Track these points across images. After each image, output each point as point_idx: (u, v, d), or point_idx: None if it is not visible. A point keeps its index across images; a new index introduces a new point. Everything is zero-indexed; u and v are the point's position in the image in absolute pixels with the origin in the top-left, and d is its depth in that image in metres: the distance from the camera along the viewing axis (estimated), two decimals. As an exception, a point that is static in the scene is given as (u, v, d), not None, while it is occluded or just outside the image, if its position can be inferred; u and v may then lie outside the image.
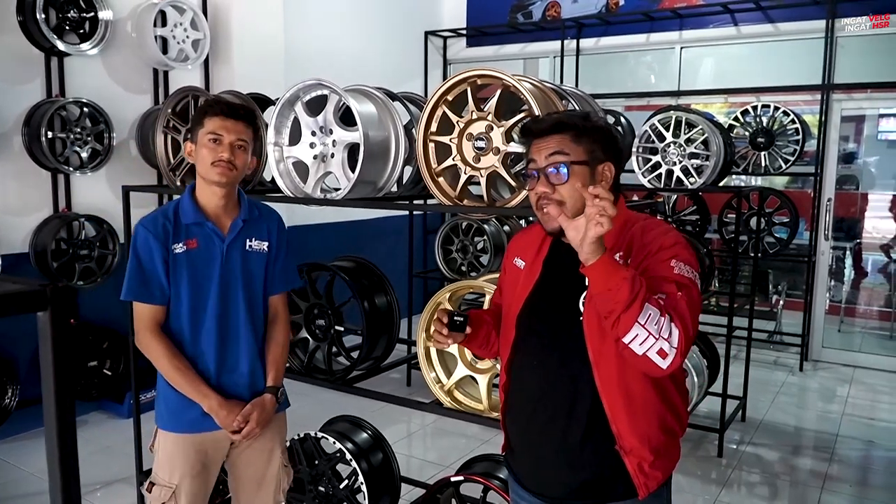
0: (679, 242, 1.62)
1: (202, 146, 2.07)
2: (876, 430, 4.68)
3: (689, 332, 1.47)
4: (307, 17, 6.10)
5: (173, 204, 2.13)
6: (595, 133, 1.67)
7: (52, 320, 0.71)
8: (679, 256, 1.58)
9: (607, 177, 1.65)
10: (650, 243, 1.62)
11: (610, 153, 1.68)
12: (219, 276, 2.12)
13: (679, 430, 1.71)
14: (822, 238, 6.05)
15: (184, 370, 2.07)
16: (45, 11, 4.12)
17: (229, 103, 2.11)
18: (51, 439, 0.76)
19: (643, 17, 6.57)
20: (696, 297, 1.57)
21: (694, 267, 1.60)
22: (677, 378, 1.71)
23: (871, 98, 6.09)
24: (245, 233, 2.17)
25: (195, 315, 2.10)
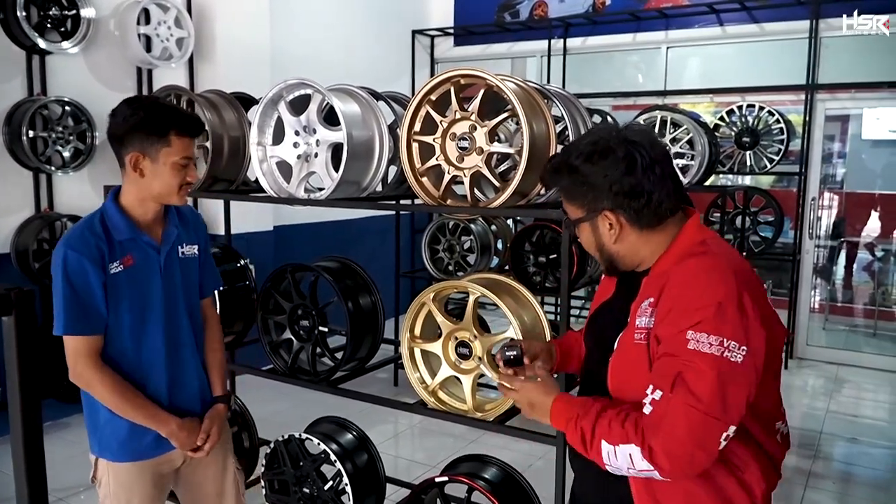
0: (709, 306, 1.32)
1: (168, 168, 1.90)
2: (859, 427, 4.71)
3: (672, 441, 1.31)
4: (293, 15, 6.07)
5: (96, 218, 1.93)
6: (568, 183, 1.48)
7: (16, 324, 0.70)
8: (703, 325, 1.32)
9: (603, 231, 1.48)
10: (675, 300, 1.38)
11: (600, 200, 1.45)
12: (161, 291, 1.99)
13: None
14: (806, 236, 6.10)
15: (136, 400, 1.93)
16: (27, 9, 4.08)
17: (196, 120, 1.99)
18: (16, 441, 0.75)
19: (630, 17, 6.59)
20: (713, 376, 1.30)
21: (731, 334, 1.31)
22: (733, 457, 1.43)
23: (855, 98, 6.14)
24: (177, 240, 2.05)
25: (138, 336, 1.96)
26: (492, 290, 2.17)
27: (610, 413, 1.41)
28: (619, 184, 1.42)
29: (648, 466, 1.34)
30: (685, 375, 1.32)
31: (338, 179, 2.33)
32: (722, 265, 1.39)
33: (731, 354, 1.30)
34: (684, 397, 1.31)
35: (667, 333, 1.37)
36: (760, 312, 1.36)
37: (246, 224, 5.16)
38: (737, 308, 1.32)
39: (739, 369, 1.31)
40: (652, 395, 1.36)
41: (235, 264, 2.91)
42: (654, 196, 1.42)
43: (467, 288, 2.24)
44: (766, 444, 1.48)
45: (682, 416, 1.31)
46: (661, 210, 1.45)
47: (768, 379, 1.44)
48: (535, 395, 1.56)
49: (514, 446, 4.03)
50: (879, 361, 6.02)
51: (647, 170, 1.41)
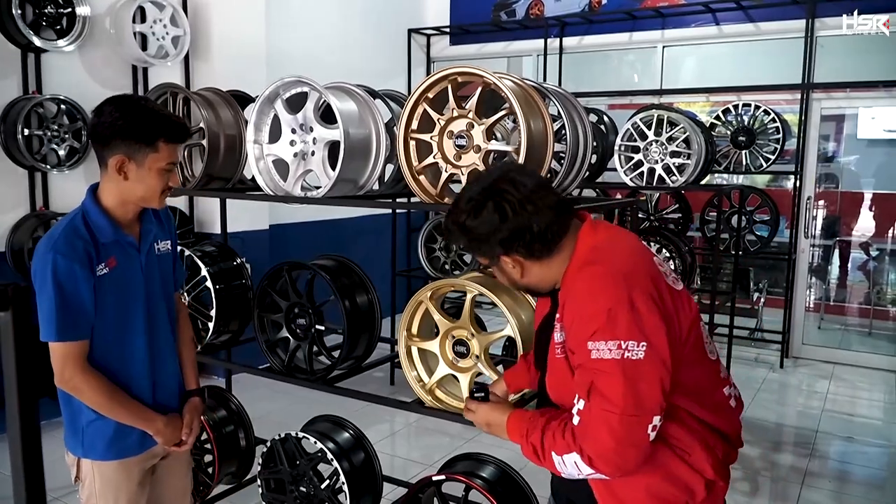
0: (600, 314, 1.41)
1: (153, 173, 1.89)
2: (855, 426, 4.73)
3: (600, 445, 1.41)
4: (289, 13, 6.05)
5: (78, 220, 1.90)
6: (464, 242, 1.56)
7: (13, 320, 0.69)
8: (598, 334, 1.41)
9: (509, 271, 1.57)
10: (573, 314, 1.48)
11: (493, 248, 1.52)
12: (143, 290, 2.00)
13: (684, 498, 1.54)
14: (802, 236, 6.11)
15: (123, 401, 1.94)
16: (22, 7, 4.06)
17: (184, 126, 1.97)
18: (14, 440, 0.75)
19: (626, 16, 6.60)
20: (620, 378, 1.39)
21: (626, 336, 1.39)
22: (678, 443, 1.52)
23: (851, 97, 6.15)
24: (153, 237, 2.06)
25: (122, 336, 1.96)
26: (489, 289, 2.17)
27: (553, 425, 1.53)
28: (499, 232, 1.50)
29: (591, 470, 1.45)
30: (596, 383, 1.42)
31: (335, 178, 2.33)
32: (609, 271, 1.47)
33: (631, 354, 1.39)
34: (600, 403, 1.41)
35: (573, 346, 1.48)
36: (657, 304, 1.44)
37: (242, 223, 5.15)
38: (628, 309, 1.40)
39: (644, 365, 1.40)
40: (577, 405, 1.47)
41: (231, 263, 2.90)
42: (534, 230, 1.49)
43: (465, 286, 2.23)
44: (711, 419, 1.56)
45: (602, 422, 1.41)
46: (549, 237, 1.52)
47: (692, 357, 1.53)
48: (490, 416, 1.72)
49: (511, 445, 4.01)
50: (875, 360, 6.04)
51: (519, 211, 1.48)
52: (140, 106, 1.91)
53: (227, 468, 3.05)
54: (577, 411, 1.46)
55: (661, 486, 1.52)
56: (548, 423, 1.54)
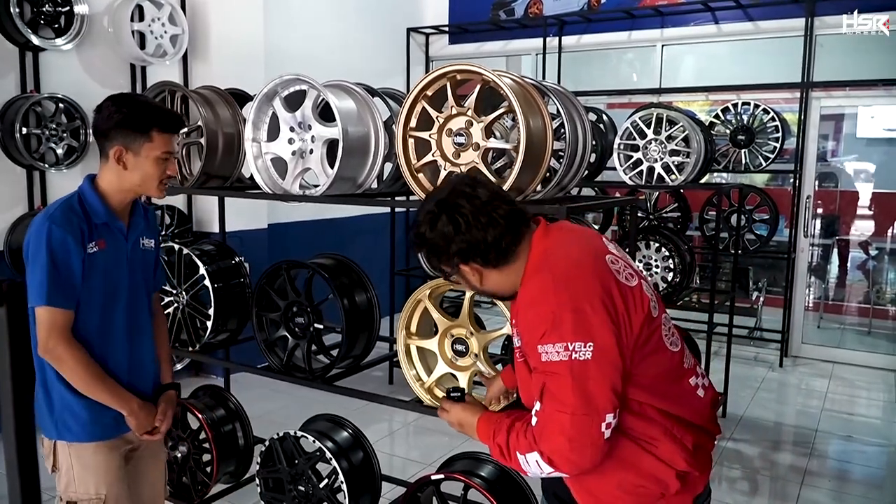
0: (546, 318, 1.46)
1: (150, 162, 2.00)
2: (854, 425, 4.72)
3: (556, 445, 1.45)
4: (288, 12, 6.04)
5: (74, 200, 2.00)
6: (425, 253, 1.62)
7: (8, 316, 0.68)
8: (546, 337, 1.45)
9: (469, 278, 1.63)
10: (524, 319, 1.54)
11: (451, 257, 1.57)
12: (127, 276, 2.08)
13: (657, 490, 1.56)
14: (801, 235, 6.11)
15: (103, 378, 1.99)
16: (20, 5, 4.05)
17: (177, 117, 2.09)
18: (8, 434, 0.74)
19: (625, 15, 6.59)
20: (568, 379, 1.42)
21: (572, 337, 1.43)
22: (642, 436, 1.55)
23: (850, 96, 6.15)
24: (141, 231, 2.15)
25: (104, 315, 2.03)
26: (488, 287, 2.16)
27: (517, 425, 1.57)
28: (455, 243, 1.55)
29: (551, 469, 1.49)
30: (548, 384, 1.46)
31: (333, 176, 2.32)
32: (554, 275, 1.51)
33: (578, 355, 1.43)
34: (551, 404, 1.46)
35: (527, 351, 1.54)
36: (604, 304, 1.47)
37: (240, 222, 5.14)
38: (571, 311, 1.44)
39: (592, 365, 1.43)
40: (535, 407, 1.51)
41: (230, 261, 2.90)
42: (488, 240, 1.54)
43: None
44: (677, 410, 1.57)
45: (556, 422, 1.45)
46: (503, 246, 1.56)
47: (647, 351, 1.54)
48: (462, 416, 1.76)
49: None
50: (874, 360, 6.04)
51: (472, 223, 1.53)
52: (135, 100, 2.05)
53: (225, 467, 3.05)
54: (535, 412, 1.51)
55: (631, 480, 1.56)
56: (513, 423, 1.59)
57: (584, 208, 3.26)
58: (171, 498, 3.09)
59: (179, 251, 2.81)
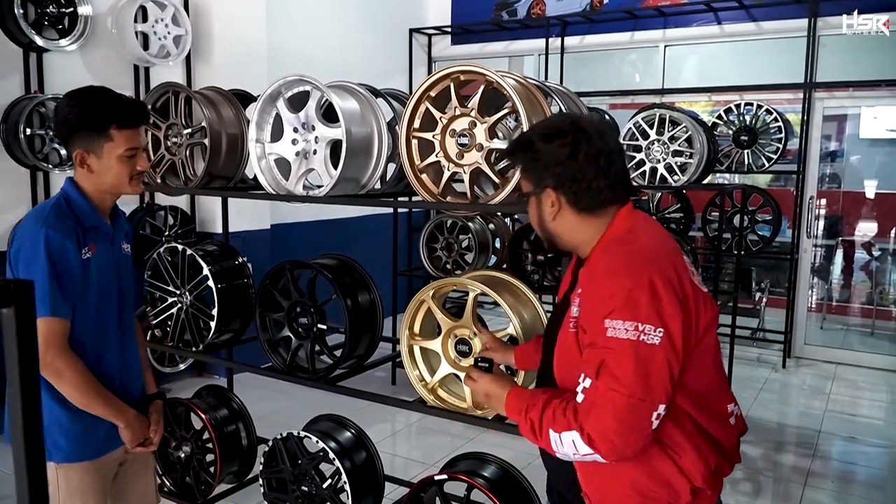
0: (620, 293, 1.40)
1: (114, 160, 1.89)
2: (858, 426, 4.72)
3: (603, 425, 1.39)
4: (291, 13, 6.05)
5: (62, 203, 1.90)
6: (523, 158, 1.59)
7: (16, 316, 0.69)
8: (616, 313, 1.40)
9: (545, 207, 1.58)
10: (592, 290, 1.48)
11: (546, 177, 1.55)
12: (115, 280, 2.02)
13: (667, 499, 1.52)
14: (804, 235, 6.10)
15: (99, 389, 1.91)
16: (24, 7, 4.06)
17: (138, 107, 1.96)
18: (16, 438, 0.74)
19: (627, 16, 6.59)
20: (632, 360, 1.37)
21: (645, 318, 1.38)
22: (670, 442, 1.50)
23: (853, 96, 6.15)
24: (122, 236, 2.09)
25: (100, 323, 1.95)
26: (491, 288, 2.17)
27: (555, 402, 1.51)
28: (562, 165, 1.52)
29: (589, 451, 1.43)
30: (608, 362, 1.40)
31: (336, 176, 2.32)
32: (636, 253, 1.48)
33: (647, 338, 1.38)
34: (608, 382, 1.40)
35: (587, 323, 1.47)
36: (677, 294, 1.43)
37: (243, 222, 5.15)
38: (648, 293, 1.40)
39: (658, 350, 1.39)
40: (583, 384, 1.45)
41: (233, 262, 2.90)
42: (592, 183, 1.52)
43: (467, 285, 2.23)
44: (709, 426, 1.53)
45: (609, 402, 1.39)
46: (599, 198, 1.54)
47: (699, 359, 1.50)
48: (491, 387, 1.69)
49: (513, 445, 4.02)
50: (877, 361, 6.03)
51: (590, 158, 1.51)
52: (90, 96, 1.90)
53: (228, 467, 3.05)
54: (582, 389, 1.45)
55: (645, 482, 1.51)
56: (549, 400, 1.53)
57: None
58: (174, 498, 3.09)
59: (183, 252, 2.81)
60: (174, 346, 2.92)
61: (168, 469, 3.10)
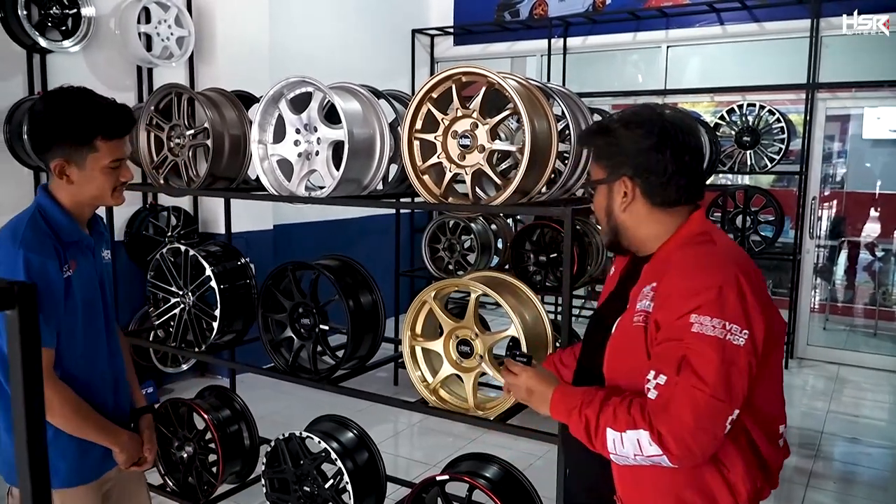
0: (710, 289, 1.35)
1: (97, 172, 1.77)
2: (860, 427, 4.71)
3: (679, 424, 1.32)
4: (293, 14, 6.06)
5: (38, 218, 1.76)
6: (600, 143, 1.54)
7: (20, 318, 0.69)
8: (704, 309, 1.34)
9: (616, 197, 1.53)
10: (674, 285, 1.41)
11: (623, 165, 1.50)
12: (100, 294, 1.89)
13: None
14: (807, 236, 6.10)
15: (90, 415, 1.81)
16: (27, 8, 4.08)
17: (125, 115, 1.82)
18: (20, 443, 0.75)
19: (630, 16, 6.59)
20: (717, 358, 1.32)
21: (732, 318, 1.33)
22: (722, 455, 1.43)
23: (856, 97, 6.14)
24: (103, 244, 1.97)
25: (89, 343, 1.85)
26: (493, 289, 2.17)
27: (614, 400, 1.43)
28: (644, 155, 1.48)
29: (657, 451, 1.35)
30: (690, 358, 1.34)
31: (339, 177, 2.33)
32: (722, 253, 1.45)
33: (733, 338, 1.33)
34: (690, 380, 1.33)
35: (667, 318, 1.39)
36: (760, 300, 1.39)
37: (245, 223, 5.16)
38: (737, 293, 1.35)
39: (742, 353, 1.33)
40: (655, 381, 1.38)
41: (236, 262, 2.90)
42: (673, 178, 1.48)
43: (468, 286, 2.23)
44: (762, 445, 1.47)
45: (689, 399, 1.32)
46: (676, 194, 1.50)
47: (766, 375, 1.44)
48: (534, 383, 1.62)
49: (514, 445, 4.03)
50: (880, 361, 6.02)
51: (676, 152, 1.47)
52: (73, 102, 1.76)
53: (231, 467, 3.06)
54: (654, 387, 1.37)
55: (689, 494, 1.45)
56: (607, 397, 1.45)
57: (590, 210, 3.26)
58: (177, 498, 3.10)
59: (186, 252, 2.82)
60: (177, 346, 2.92)
61: (170, 469, 3.11)
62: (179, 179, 2.94)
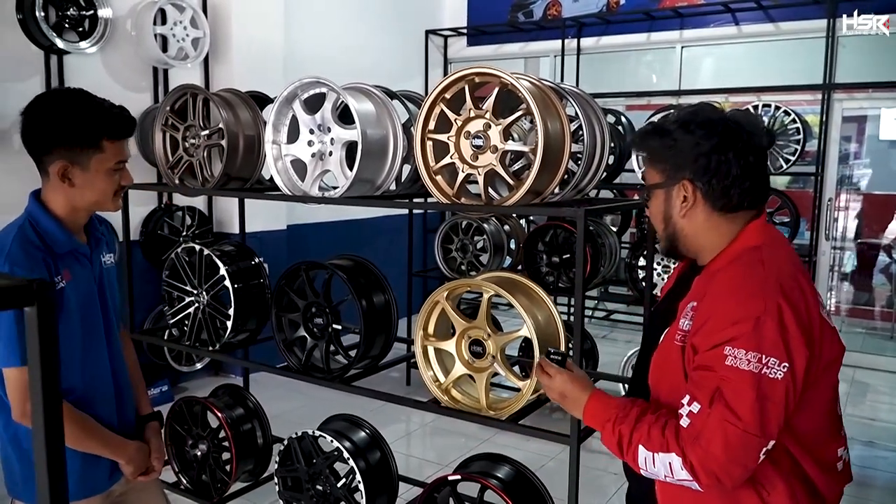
0: (747, 320, 1.29)
1: (101, 174, 1.73)
2: (876, 430, 4.67)
3: (710, 457, 1.30)
4: (307, 15, 6.09)
5: (27, 228, 1.71)
6: (656, 146, 1.47)
7: (38, 315, 0.70)
8: (740, 341, 1.28)
9: (674, 202, 1.47)
10: (713, 310, 1.35)
11: (683, 168, 1.43)
12: (98, 304, 1.84)
13: None
14: (822, 238, 6.05)
15: (93, 428, 1.77)
16: (45, 9, 4.12)
17: (128, 118, 1.79)
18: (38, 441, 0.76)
19: (644, 17, 6.56)
20: (752, 394, 1.27)
21: (770, 351, 1.28)
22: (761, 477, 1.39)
23: (872, 98, 6.08)
24: (102, 248, 1.91)
25: (88, 356, 1.79)
26: (506, 289, 2.17)
27: (649, 418, 1.41)
28: (706, 157, 1.41)
29: (688, 477, 1.34)
30: (724, 392, 1.30)
31: (352, 178, 2.34)
32: (766, 277, 1.35)
33: (769, 371, 1.28)
34: (723, 413, 1.29)
35: (703, 346, 1.35)
36: (804, 330, 1.32)
37: (259, 223, 5.19)
38: (776, 324, 1.29)
39: (779, 385, 1.29)
40: (689, 407, 1.35)
41: (250, 262, 2.92)
42: (736, 182, 1.41)
43: (481, 286, 2.23)
44: (809, 470, 1.42)
45: (720, 433, 1.29)
46: (738, 199, 1.43)
47: (814, 398, 1.39)
48: (569, 388, 1.59)
49: (526, 446, 4.02)
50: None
51: (739, 153, 1.41)
52: (75, 103, 1.73)
53: (244, 466, 3.08)
54: (687, 413, 1.34)
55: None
56: (642, 414, 1.42)
57: (603, 211, 3.25)
58: (190, 496, 3.12)
59: (200, 252, 2.84)
60: (191, 345, 2.95)
61: (184, 467, 3.13)
62: (194, 179, 2.96)
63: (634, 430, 1.41)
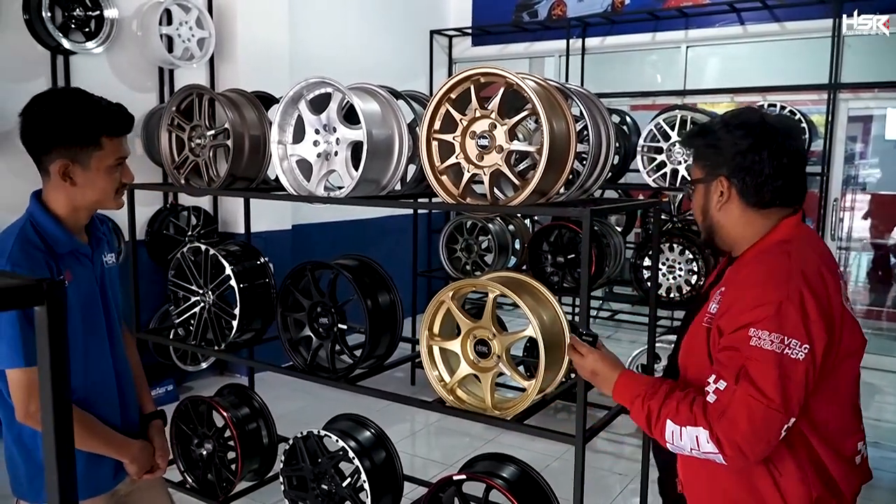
0: (770, 304, 1.39)
1: (102, 172, 1.74)
2: (881, 430, 4.65)
3: (735, 431, 1.38)
4: (312, 15, 6.10)
5: (28, 228, 1.71)
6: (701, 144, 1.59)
7: (48, 314, 0.71)
8: (763, 323, 1.39)
9: (713, 196, 1.58)
10: (738, 295, 1.47)
11: (721, 165, 1.55)
12: (100, 304, 1.84)
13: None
14: (828, 238, 6.03)
15: (96, 428, 1.77)
16: (51, 10, 4.14)
17: (127, 115, 1.80)
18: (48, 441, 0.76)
19: (649, 17, 6.56)
20: (775, 372, 1.36)
21: (791, 333, 1.38)
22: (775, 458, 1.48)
23: (878, 98, 6.06)
24: (103, 248, 1.91)
25: (90, 357, 1.80)
26: (511, 289, 2.17)
27: (678, 394, 1.50)
28: (742, 155, 1.52)
29: (714, 449, 1.42)
30: (749, 370, 1.39)
31: (357, 178, 2.34)
32: (791, 267, 1.45)
33: (791, 351, 1.38)
34: (748, 390, 1.38)
35: (728, 328, 1.45)
36: (825, 316, 1.42)
37: (265, 223, 5.20)
38: (798, 308, 1.39)
39: (801, 365, 1.38)
40: (715, 385, 1.44)
41: (255, 262, 2.93)
42: (769, 180, 1.51)
43: (486, 286, 2.23)
44: (826, 458, 1.49)
45: (745, 408, 1.38)
46: (770, 196, 1.53)
47: (830, 388, 1.47)
48: (600, 366, 1.70)
49: (531, 446, 4.02)
50: (902, 365, 5.94)
51: (773, 154, 1.51)
52: (73, 102, 1.74)
53: (249, 465, 3.09)
54: (714, 390, 1.44)
55: (739, 493, 1.51)
56: (671, 391, 1.52)
57: (608, 210, 3.25)
58: (196, 494, 3.13)
59: (206, 251, 2.85)
60: (196, 344, 2.95)
61: (190, 466, 3.14)
62: (200, 179, 2.97)
63: (663, 405, 1.50)
